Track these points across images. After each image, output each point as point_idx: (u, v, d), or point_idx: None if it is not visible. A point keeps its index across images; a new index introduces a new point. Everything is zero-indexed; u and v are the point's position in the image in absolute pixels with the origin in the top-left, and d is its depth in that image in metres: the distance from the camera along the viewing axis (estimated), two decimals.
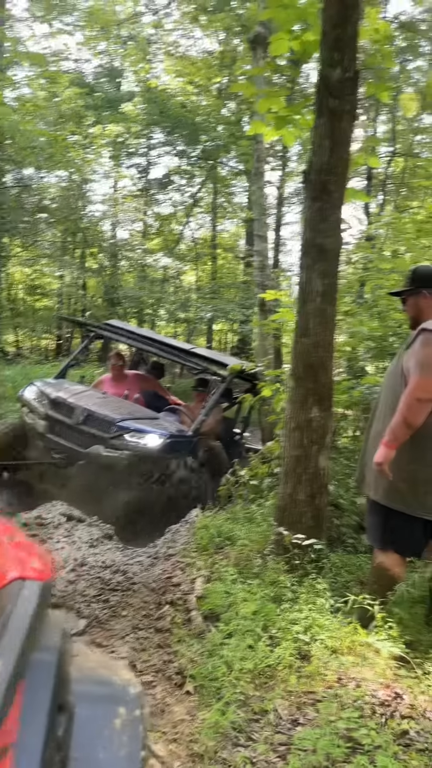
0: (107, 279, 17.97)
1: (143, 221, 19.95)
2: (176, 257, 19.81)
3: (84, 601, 3.05)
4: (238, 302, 18.87)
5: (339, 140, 3.72)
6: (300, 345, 3.90)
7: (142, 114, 17.16)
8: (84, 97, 15.28)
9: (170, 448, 5.27)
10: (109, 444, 5.06)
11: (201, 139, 17.65)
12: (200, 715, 2.29)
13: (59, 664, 0.77)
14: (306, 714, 2.39)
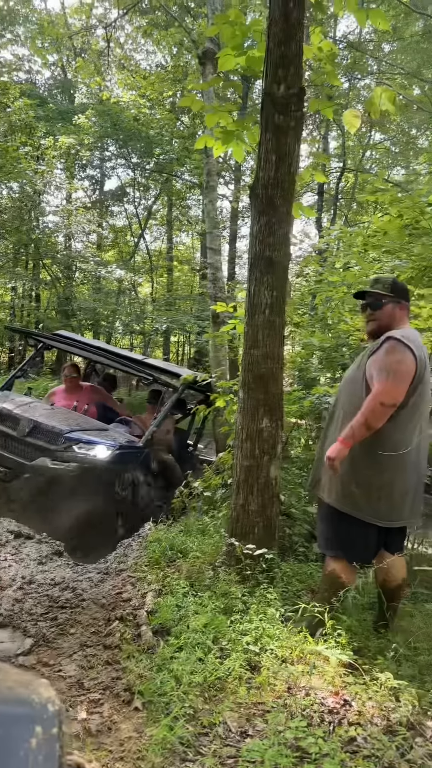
0: (61, 291, 17.77)
1: (98, 233, 19.83)
2: (131, 269, 19.74)
3: (31, 619, 2.98)
4: (194, 314, 18.93)
5: (285, 155, 3.79)
6: (249, 356, 3.93)
7: (95, 126, 17.11)
8: (35, 108, 15.14)
9: (120, 459, 5.15)
10: (56, 456, 4.91)
11: (155, 152, 17.72)
12: (148, 731, 2.25)
13: None
14: (255, 725, 2.38)
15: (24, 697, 0.89)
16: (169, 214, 22.93)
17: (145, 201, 21.95)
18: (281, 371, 4.00)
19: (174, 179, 20.22)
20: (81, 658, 2.68)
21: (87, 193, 21.63)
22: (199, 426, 7.87)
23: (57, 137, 15.83)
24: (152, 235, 25.39)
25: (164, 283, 23.52)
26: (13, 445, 5.11)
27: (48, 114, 18.33)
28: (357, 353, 5.49)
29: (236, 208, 21.60)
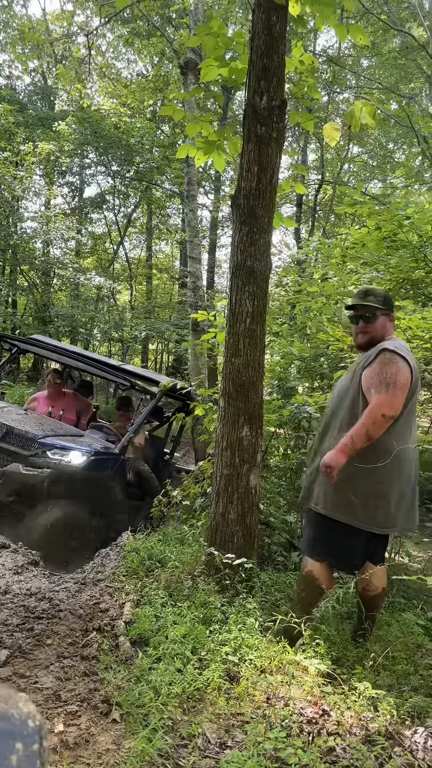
0: (39, 297, 17.63)
1: (77, 240, 19.74)
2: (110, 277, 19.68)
3: (6, 630, 2.93)
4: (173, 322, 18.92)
5: (266, 166, 3.83)
6: (230, 365, 3.94)
7: (75, 133, 17.08)
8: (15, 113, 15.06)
9: (94, 465, 5.06)
10: (29, 462, 4.80)
11: (135, 160, 17.73)
12: (126, 743, 2.22)
13: None
14: (234, 736, 2.37)
15: (3, 712, 0.88)
16: (148, 222, 22.94)
17: (124, 209, 21.94)
18: (262, 380, 4.01)
19: (154, 188, 20.24)
20: (58, 669, 2.63)
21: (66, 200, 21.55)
22: (176, 434, 7.82)
23: (37, 143, 15.75)
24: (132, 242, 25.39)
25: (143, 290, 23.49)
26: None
27: (27, 120, 18.24)
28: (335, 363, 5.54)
29: (216, 217, 21.71)
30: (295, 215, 18.09)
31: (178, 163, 16.69)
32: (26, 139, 16.25)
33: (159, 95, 17.19)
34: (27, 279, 18.01)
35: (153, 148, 17.85)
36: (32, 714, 0.89)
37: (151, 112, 19.59)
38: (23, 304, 20.57)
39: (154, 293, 23.53)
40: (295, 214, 18.37)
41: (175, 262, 26.08)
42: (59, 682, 2.54)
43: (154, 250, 24.93)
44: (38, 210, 18.24)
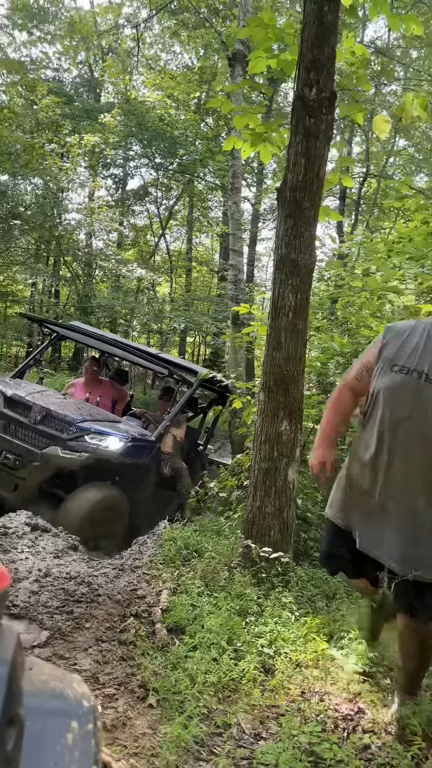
0: (81, 288, 17.88)
1: (119, 231, 19.93)
2: (151, 268, 19.82)
3: (47, 612, 3.00)
4: (211, 315, 18.95)
5: (314, 159, 3.79)
6: (271, 358, 3.93)
7: (120, 125, 17.21)
8: (62, 106, 15.26)
9: (131, 451, 5.06)
10: (66, 445, 4.77)
11: (178, 152, 17.77)
12: (162, 728, 2.26)
13: (10, 677, 0.75)
14: (269, 728, 2.38)
15: (59, 692, 0.90)
16: (189, 215, 22.99)
17: (166, 201, 22.03)
18: (303, 374, 4.00)
19: (196, 180, 20.26)
20: (96, 652, 2.68)
21: (109, 192, 21.76)
22: (210, 426, 7.82)
23: (82, 135, 15.93)
24: (172, 235, 25.48)
25: (183, 283, 23.58)
26: (23, 433, 4.99)
27: (74, 112, 18.47)
28: None
29: (258, 210, 21.60)
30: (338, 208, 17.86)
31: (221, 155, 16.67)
32: (72, 131, 16.45)
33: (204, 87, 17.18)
34: (70, 270, 18.27)
35: (196, 141, 17.85)
36: (86, 695, 0.90)
37: (196, 104, 19.60)
38: (65, 294, 20.90)
39: (193, 286, 23.60)
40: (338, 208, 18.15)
41: (214, 255, 26.09)
42: (97, 665, 2.59)
43: (194, 242, 24.99)
44: (82, 202, 18.48)
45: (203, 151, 17.54)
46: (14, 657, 0.79)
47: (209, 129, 19.70)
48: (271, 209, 22.05)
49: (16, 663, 0.80)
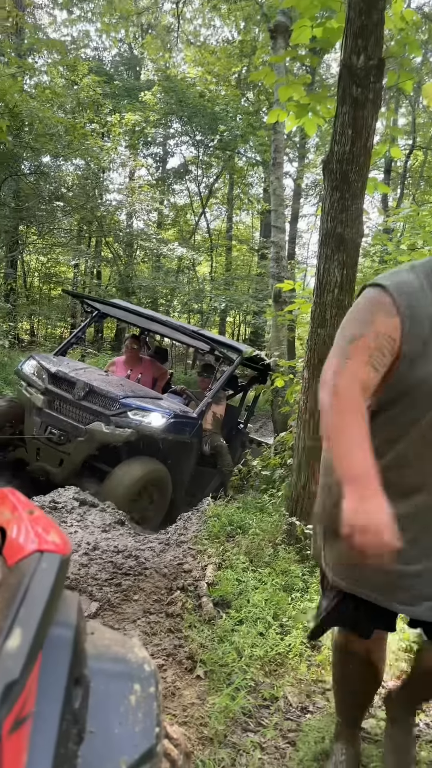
0: (122, 268, 17.99)
1: (159, 211, 19.91)
2: (191, 248, 19.76)
3: (96, 584, 3.07)
4: (251, 294, 18.83)
5: (361, 129, 3.68)
6: (316, 335, 3.88)
7: (161, 103, 17.09)
8: (102, 85, 15.24)
9: (173, 428, 5.06)
10: (110, 421, 4.80)
11: (219, 129, 17.57)
12: (210, 699, 2.30)
13: (75, 639, 0.78)
14: (315, 702, 2.39)
15: (121, 656, 0.92)
16: (230, 193, 22.78)
17: (206, 179, 21.86)
18: None
19: (237, 156, 20.03)
20: (144, 624, 2.74)
21: (150, 171, 21.71)
22: (251, 404, 7.78)
23: (123, 114, 15.90)
24: (212, 213, 25.31)
25: (223, 262, 23.47)
26: (67, 408, 5.03)
27: (114, 91, 18.42)
28: None
29: (300, 185, 21.24)
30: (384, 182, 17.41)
31: (262, 130, 16.41)
32: (113, 110, 16.43)
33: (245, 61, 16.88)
34: (111, 251, 18.38)
35: (237, 116, 17.60)
36: (147, 659, 0.93)
37: (236, 79, 19.29)
38: (107, 275, 21.06)
39: (233, 265, 23.46)
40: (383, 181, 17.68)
41: (254, 233, 25.83)
42: (146, 637, 2.65)
43: (234, 221, 24.78)
44: (123, 182, 18.50)
45: (244, 127, 17.29)
46: (78, 621, 0.82)
47: (250, 104, 19.39)
48: (313, 184, 21.66)
49: (79, 627, 0.82)
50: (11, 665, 0.58)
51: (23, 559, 0.78)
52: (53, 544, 0.83)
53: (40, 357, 5.68)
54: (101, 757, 0.75)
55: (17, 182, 13.25)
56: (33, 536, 0.84)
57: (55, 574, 0.76)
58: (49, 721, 0.67)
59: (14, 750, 0.58)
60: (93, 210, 15.39)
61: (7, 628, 0.63)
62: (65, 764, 0.69)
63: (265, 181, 19.37)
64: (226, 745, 2.08)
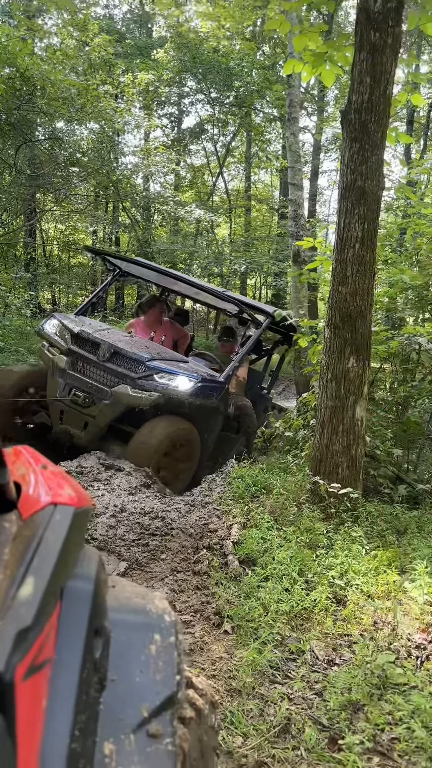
0: (140, 233, 17.84)
1: (176, 173, 19.58)
2: (209, 209, 19.46)
3: (124, 545, 3.13)
4: (272, 255, 18.57)
5: (380, 76, 3.55)
6: (337, 294, 3.82)
7: (174, 61, 16.65)
8: (114, 44, 14.86)
9: (201, 392, 4.91)
10: (136, 384, 4.67)
11: (234, 84, 17.09)
12: (237, 653, 2.35)
13: (95, 591, 0.81)
14: (342, 655, 2.43)
15: (141, 607, 0.94)
16: (247, 151, 22.26)
17: (223, 138, 21.38)
18: (371, 310, 3.87)
19: (254, 113, 19.51)
20: (172, 582, 2.80)
21: (165, 132, 21.30)
22: (275, 368, 7.66)
23: (136, 73, 15.53)
24: (230, 173, 24.83)
25: (242, 223, 23.11)
26: (91, 370, 4.89)
27: (126, 50, 17.98)
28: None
29: (319, 140, 20.68)
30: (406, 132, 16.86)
31: (279, 84, 15.93)
32: (125, 71, 16.05)
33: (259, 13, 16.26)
34: (129, 216, 18.21)
35: (253, 71, 17.08)
36: (168, 610, 0.94)
37: (251, 32, 18.65)
38: (125, 241, 20.91)
39: (252, 225, 23.09)
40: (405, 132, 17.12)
41: (274, 192, 25.33)
42: (174, 594, 2.70)
43: (252, 180, 24.29)
44: (138, 144, 18.19)
45: (260, 81, 16.79)
46: (97, 574, 0.84)
47: (266, 57, 18.78)
48: (333, 139, 21.07)
49: (99, 580, 0.84)
50: (24, 613, 0.60)
51: (37, 512, 0.80)
52: (67, 497, 0.85)
53: (61, 316, 5.54)
54: (123, 704, 0.77)
55: (32, 149, 13.09)
56: (46, 490, 0.86)
57: (68, 525, 0.78)
58: (69, 669, 0.69)
59: (30, 695, 0.60)
60: (109, 174, 15.19)
61: (20, 578, 0.65)
62: (87, 710, 0.71)
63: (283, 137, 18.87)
64: (254, 696, 2.13)
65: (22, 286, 12.71)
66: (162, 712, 0.79)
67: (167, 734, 0.78)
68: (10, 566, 0.70)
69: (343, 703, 2.09)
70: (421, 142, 18.48)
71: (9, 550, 0.74)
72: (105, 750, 0.73)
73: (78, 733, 0.66)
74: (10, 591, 0.63)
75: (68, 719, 0.65)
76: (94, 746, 0.72)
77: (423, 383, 4.96)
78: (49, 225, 19.46)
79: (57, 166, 13.50)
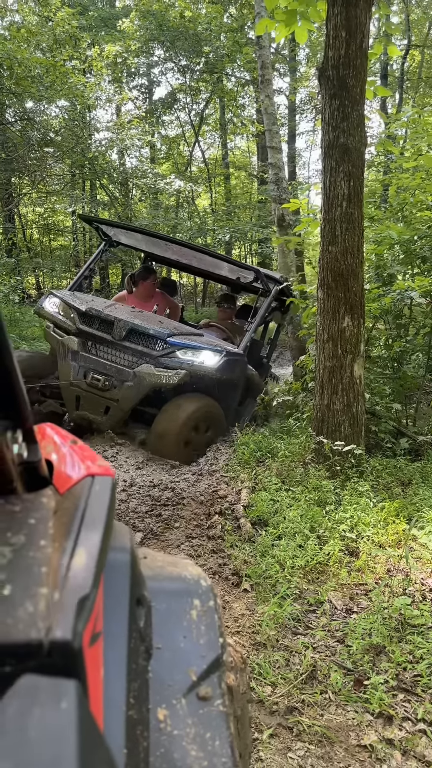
0: (120, 210, 17.63)
1: (151, 144, 19.28)
2: (188, 180, 19.23)
3: (138, 517, 3.19)
4: (255, 222, 18.42)
5: (356, 30, 3.51)
6: (327, 254, 3.83)
7: (140, 30, 16.26)
8: (77, 17, 14.49)
9: (227, 366, 4.68)
10: (159, 362, 4.43)
11: (204, 50, 16.74)
12: (259, 609, 2.42)
13: (132, 562, 0.82)
14: (359, 603, 2.51)
15: (177, 575, 0.96)
16: (222, 117, 21.91)
17: (196, 106, 21.01)
18: (362, 267, 3.89)
19: (226, 78, 19.15)
20: (188, 548, 2.87)
21: (136, 105, 20.90)
22: (273, 336, 7.57)
23: (103, 46, 15.17)
24: (206, 142, 24.46)
25: (222, 192, 22.86)
26: (106, 350, 4.60)
27: (90, 23, 17.53)
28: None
29: (293, 101, 20.36)
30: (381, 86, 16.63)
31: (249, 47, 15.62)
32: (91, 44, 15.68)
33: None
34: (108, 193, 17.98)
35: (221, 35, 16.72)
36: (202, 575, 0.97)
37: None
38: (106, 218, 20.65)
39: (233, 193, 22.84)
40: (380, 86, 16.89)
41: (252, 158, 25.00)
42: (191, 559, 2.77)
43: (229, 147, 23.95)
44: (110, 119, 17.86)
45: (230, 45, 16.45)
46: (132, 546, 0.85)
47: (233, 19, 18.36)
48: (308, 99, 20.74)
49: (134, 551, 0.85)
50: (81, 581, 0.61)
51: (75, 485, 0.81)
52: (102, 468, 0.85)
53: (61, 293, 5.19)
54: (171, 670, 0.80)
55: (3, 132, 12.86)
56: (80, 463, 0.86)
57: (109, 495, 0.79)
58: (118, 640, 0.71)
59: (94, 663, 0.61)
60: (84, 152, 14.96)
61: (71, 549, 0.66)
62: (138, 678, 0.73)
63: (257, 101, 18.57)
64: (278, 648, 2.21)
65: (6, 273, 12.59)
66: (210, 675, 0.82)
67: (217, 696, 0.80)
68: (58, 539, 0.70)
69: (365, 647, 2.17)
70: (396, 96, 18.24)
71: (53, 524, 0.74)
72: (159, 716, 0.75)
73: (132, 701, 0.68)
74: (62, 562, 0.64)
75: (122, 688, 0.67)
76: (148, 713, 0.74)
77: (416, 338, 5.01)
78: (27, 209, 19.20)
79: (31, 148, 13.28)
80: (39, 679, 0.49)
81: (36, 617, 0.55)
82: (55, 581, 0.61)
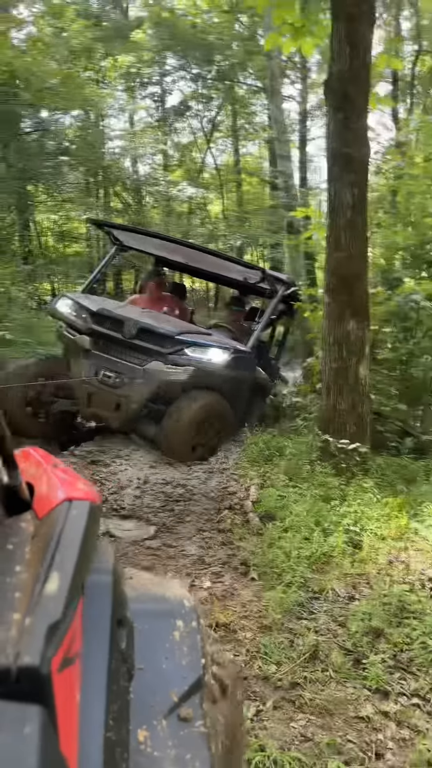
0: (133, 217, 17.87)
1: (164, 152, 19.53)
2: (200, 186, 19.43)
3: (151, 511, 3.36)
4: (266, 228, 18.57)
5: (358, 45, 3.67)
6: (333, 259, 3.98)
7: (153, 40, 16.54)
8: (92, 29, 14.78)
9: (235, 363, 4.78)
10: (168, 360, 4.51)
11: (215, 59, 16.97)
12: (266, 595, 2.57)
13: (115, 583, 0.83)
14: (361, 591, 2.65)
15: (160, 595, 1.00)
16: (233, 124, 22.12)
17: (208, 113, 21.23)
18: (366, 272, 4.03)
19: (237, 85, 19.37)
20: (199, 540, 3.02)
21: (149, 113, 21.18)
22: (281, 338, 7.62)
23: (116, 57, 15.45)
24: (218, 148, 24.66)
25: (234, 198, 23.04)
26: (118, 349, 4.68)
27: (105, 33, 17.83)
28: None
29: (305, 109, 20.52)
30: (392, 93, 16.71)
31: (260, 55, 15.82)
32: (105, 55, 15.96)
33: None
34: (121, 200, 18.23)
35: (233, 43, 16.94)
36: (186, 596, 1.01)
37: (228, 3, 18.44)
38: None
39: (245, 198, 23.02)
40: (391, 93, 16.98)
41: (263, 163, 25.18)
42: (202, 550, 2.92)
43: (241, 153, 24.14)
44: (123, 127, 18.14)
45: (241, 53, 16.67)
46: (115, 566, 0.88)
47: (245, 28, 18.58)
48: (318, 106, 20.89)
49: (117, 572, 0.88)
50: (52, 607, 0.60)
51: (53, 510, 0.80)
52: (81, 492, 0.86)
53: (73, 295, 5.33)
54: (152, 691, 0.82)
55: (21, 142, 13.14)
56: (60, 487, 0.87)
57: (85, 520, 0.78)
58: (98, 661, 0.71)
59: (65, 687, 0.60)
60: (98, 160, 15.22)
61: (44, 574, 0.65)
62: (118, 699, 0.73)
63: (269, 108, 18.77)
64: (283, 630, 2.35)
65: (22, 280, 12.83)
66: (191, 696, 0.83)
67: (198, 716, 0.80)
68: (33, 564, 0.70)
69: (365, 630, 2.31)
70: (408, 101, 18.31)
71: (29, 549, 0.75)
72: (139, 737, 0.75)
73: (112, 722, 0.67)
74: (35, 588, 0.63)
75: (101, 709, 0.66)
76: (128, 734, 0.74)
77: (423, 340, 5.12)
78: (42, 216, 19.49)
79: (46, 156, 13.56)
80: (5, 705, 0.50)
81: (6, 643, 0.54)
82: (27, 607, 0.60)
